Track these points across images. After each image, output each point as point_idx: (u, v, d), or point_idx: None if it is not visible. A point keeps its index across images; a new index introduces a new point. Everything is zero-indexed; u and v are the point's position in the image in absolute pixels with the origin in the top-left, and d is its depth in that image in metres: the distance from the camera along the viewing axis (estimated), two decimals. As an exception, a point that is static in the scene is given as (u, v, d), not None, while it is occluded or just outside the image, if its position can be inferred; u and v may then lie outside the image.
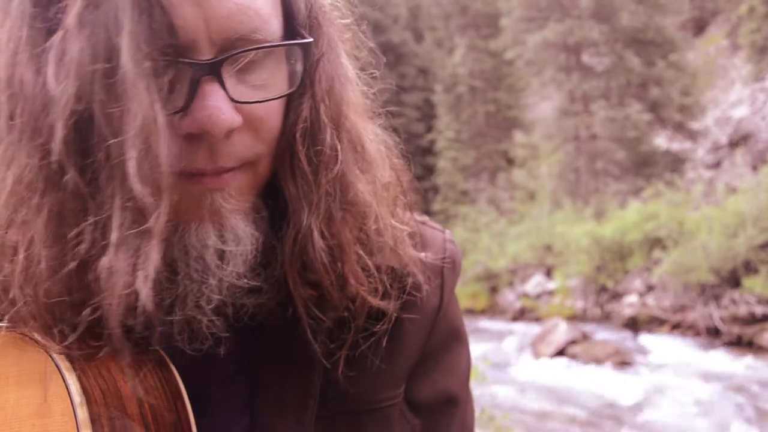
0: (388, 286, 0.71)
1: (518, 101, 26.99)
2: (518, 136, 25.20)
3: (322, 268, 0.65)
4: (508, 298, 16.50)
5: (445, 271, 0.79)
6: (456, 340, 0.81)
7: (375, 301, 0.69)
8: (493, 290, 17.52)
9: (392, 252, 0.71)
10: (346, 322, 0.69)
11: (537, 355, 10.87)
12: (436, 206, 24.54)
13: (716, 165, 18.25)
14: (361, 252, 0.68)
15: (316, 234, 0.65)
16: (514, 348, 11.63)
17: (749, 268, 11.00)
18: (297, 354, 0.70)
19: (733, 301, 10.86)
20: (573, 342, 10.82)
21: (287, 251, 0.65)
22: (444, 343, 0.80)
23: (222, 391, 0.69)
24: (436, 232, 0.82)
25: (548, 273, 16.08)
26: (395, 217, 0.73)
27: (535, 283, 16.01)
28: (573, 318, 13.02)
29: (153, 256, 0.54)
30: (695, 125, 20.28)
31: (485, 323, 14.80)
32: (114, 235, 0.53)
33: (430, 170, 26.75)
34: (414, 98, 29.85)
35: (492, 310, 16.54)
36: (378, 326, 0.71)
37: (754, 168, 15.40)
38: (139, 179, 0.52)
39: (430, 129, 28.19)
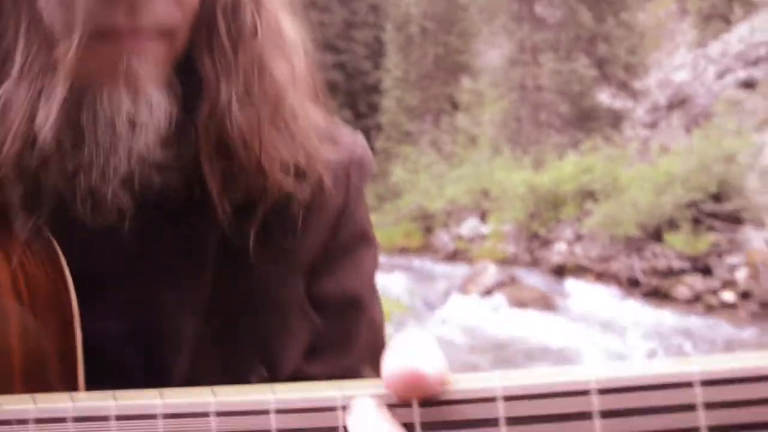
0: (297, 176, 0.69)
1: (468, 46, 26.85)
2: (465, 82, 25.16)
3: (240, 142, 0.64)
4: (443, 239, 16.77)
5: (352, 171, 0.78)
6: (362, 241, 0.81)
7: (288, 184, 0.68)
8: (428, 230, 17.76)
9: (303, 143, 0.70)
10: (253, 207, 0.68)
11: (465, 295, 11.15)
12: (379, 145, 24.48)
13: (653, 125, 18.71)
14: (275, 134, 0.67)
15: (234, 107, 0.63)
16: (444, 287, 11.90)
17: (672, 224, 11.46)
18: (197, 241, 0.68)
19: (654, 255, 11.34)
20: (501, 285, 11.13)
21: (202, 126, 0.64)
22: (349, 243, 0.79)
23: (118, 274, 0.66)
24: (347, 133, 0.81)
25: (483, 217, 16.38)
26: (308, 111, 0.72)
27: (470, 226, 16.31)
28: (503, 262, 13.35)
29: (57, 93, 0.51)
30: (638, 85, 20.67)
31: (418, 262, 15.05)
32: (16, 64, 0.50)
33: (374, 108, 26.60)
34: (363, 35, 29.36)
35: (425, 250, 16.81)
36: (282, 216, 0.70)
37: (688, 131, 15.86)
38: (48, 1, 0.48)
39: (377, 67, 27.87)
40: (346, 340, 0.78)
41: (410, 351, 0.41)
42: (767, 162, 13.00)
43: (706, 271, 10.65)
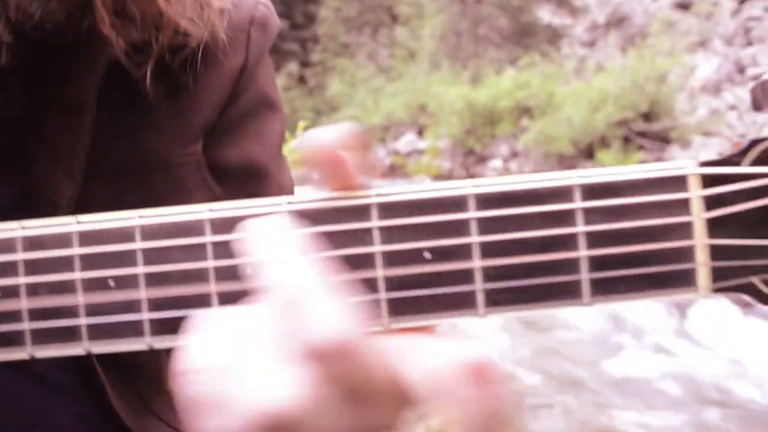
0: (192, 24, 0.64)
1: (409, -43, 26.13)
2: (405, -7, 24.59)
3: None
4: (379, 154, 16.76)
5: (253, 31, 0.74)
6: (267, 108, 0.77)
7: (183, 23, 0.62)
8: (365, 145, 17.68)
9: None
10: (145, 48, 0.62)
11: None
12: (315, 57, 23.93)
13: (591, 43, 18.81)
14: None
15: None
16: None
17: (604, 142, 11.73)
18: (77, 84, 0.62)
19: (586, 171, 11.63)
20: (436, 199, 11.26)
21: None
22: (253, 109, 0.75)
23: None
24: None
25: (420, 132, 16.37)
26: None
27: (407, 141, 16.30)
28: (439, 177, 13.46)
29: None
30: (577, 2, 20.61)
31: (354, 177, 15.03)
32: None
33: (311, 19, 25.82)
34: (301, -60, 28.16)
35: (362, 165, 16.77)
36: (172, 69, 0.65)
37: (624, 50, 16.01)
38: None
39: (315, -25, 26.91)
40: None
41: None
42: (697, 83, 13.31)
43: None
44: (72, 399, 0.67)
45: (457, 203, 0.36)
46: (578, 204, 0.34)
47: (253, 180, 0.75)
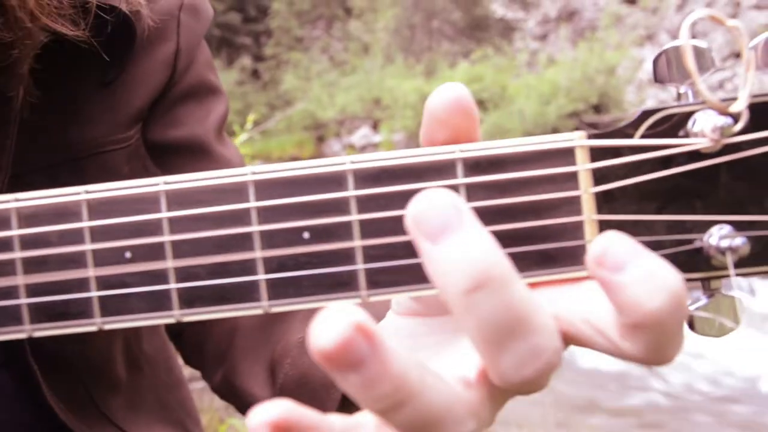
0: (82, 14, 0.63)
1: (362, -50, 26.04)
2: (359, -13, 24.50)
3: None
4: (334, 148, 16.68)
5: (183, 16, 0.74)
6: (207, 91, 0.78)
7: (65, 28, 0.61)
8: (320, 140, 17.59)
9: None
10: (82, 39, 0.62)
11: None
12: (268, 51, 23.67)
13: (543, 37, 19.02)
14: None
15: None
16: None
17: (556, 133, 11.90)
18: (1, 75, 0.61)
19: (539, 163, 11.79)
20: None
21: None
22: (194, 92, 0.76)
23: None
24: None
25: (375, 126, 16.35)
26: None
27: (361, 135, 16.26)
28: (394, 171, 13.46)
29: None
30: (529, -4, 20.82)
31: (309, 171, 14.97)
32: None
33: (264, 12, 25.53)
34: (253, -68, 27.81)
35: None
36: (94, 60, 0.64)
37: (574, 44, 16.23)
38: None
39: (268, -32, 26.63)
40: None
41: None
42: (645, 76, 13.57)
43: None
44: (9, 401, 0.66)
45: (337, 180, 0.34)
46: (461, 180, 0.32)
47: (195, 158, 0.75)
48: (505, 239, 0.32)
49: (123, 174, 0.70)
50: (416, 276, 0.33)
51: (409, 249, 0.33)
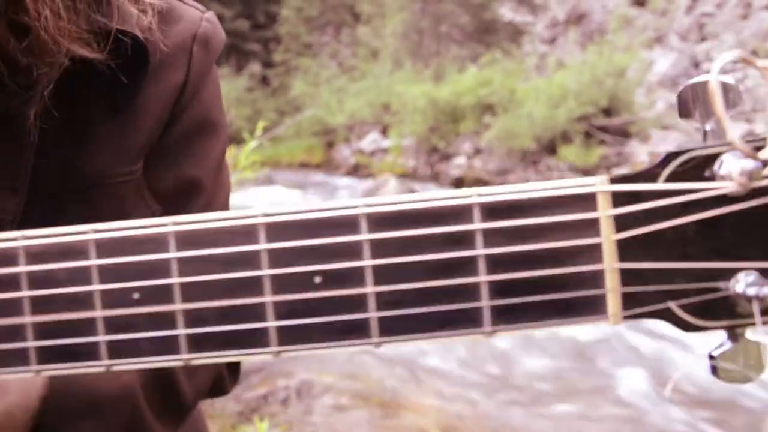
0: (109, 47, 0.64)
1: (370, -45, 26.09)
2: (367, -8, 24.54)
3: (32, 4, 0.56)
4: (344, 153, 16.68)
5: (195, 48, 0.73)
6: (208, 129, 0.77)
7: (85, 51, 0.61)
8: (329, 145, 17.60)
9: (121, 14, 0.64)
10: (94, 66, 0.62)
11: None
12: (277, 57, 23.73)
13: (551, 41, 18.98)
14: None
15: None
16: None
17: (566, 137, 11.82)
18: (18, 99, 0.61)
19: (548, 167, 11.71)
20: (401, 197, 11.27)
21: None
22: (194, 130, 0.75)
23: None
24: (192, 9, 0.75)
25: (384, 131, 16.35)
26: None
27: (371, 140, 16.26)
28: (404, 176, 13.45)
29: None
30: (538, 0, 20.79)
31: (320, 177, 14.97)
32: None
33: (273, 19, 25.61)
34: (262, -61, 27.91)
35: (327, 165, 16.71)
36: (108, 90, 0.64)
37: (583, 47, 16.18)
38: None
39: (276, -26, 26.71)
40: None
41: None
42: (654, 78, 13.50)
43: (595, 183, 11.10)
44: None
45: (349, 224, 0.33)
46: (477, 225, 0.31)
47: (187, 196, 0.75)
48: (522, 287, 0.31)
49: (128, 206, 0.70)
50: (431, 323, 0.32)
51: (423, 295, 0.32)
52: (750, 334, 0.32)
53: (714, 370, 0.32)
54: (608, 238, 0.31)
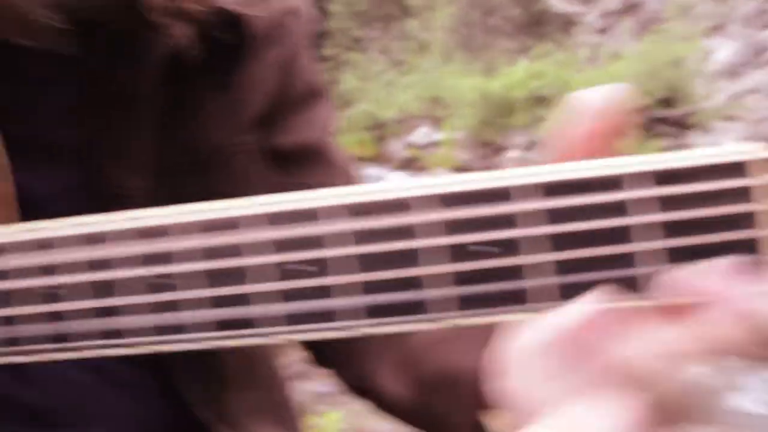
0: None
1: (419, -51, 25.99)
2: (416, -14, 24.47)
3: None
4: (395, 147, 16.69)
5: (287, 21, 0.75)
6: (315, 96, 0.80)
7: (240, 9, 0.64)
8: (380, 139, 17.64)
9: None
10: (200, 41, 0.63)
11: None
12: (328, 51, 23.91)
13: (604, 31, 18.64)
14: None
15: None
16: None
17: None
18: (134, 75, 0.63)
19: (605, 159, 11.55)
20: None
21: None
22: (302, 99, 0.78)
23: (54, 125, 0.62)
24: None
25: (435, 124, 16.32)
26: None
27: (422, 133, 16.25)
28: (457, 169, 13.39)
29: None
30: (589, -11, 20.45)
31: (371, 170, 15.04)
32: None
33: (323, 13, 25.82)
34: (311, -65, 28.03)
35: (378, 159, 16.70)
36: (222, 61, 0.67)
37: (639, 36, 15.85)
38: None
39: (326, -30, 26.83)
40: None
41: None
42: (715, 68, 13.16)
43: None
44: (137, 394, 0.69)
45: (523, 192, 0.36)
46: (653, 191, 0.34)
47: (309, 161, 0.78)
48: (680, 253, 0.33)
49: (247, 177, 0.72)
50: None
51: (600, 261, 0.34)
52: None
53: None
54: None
